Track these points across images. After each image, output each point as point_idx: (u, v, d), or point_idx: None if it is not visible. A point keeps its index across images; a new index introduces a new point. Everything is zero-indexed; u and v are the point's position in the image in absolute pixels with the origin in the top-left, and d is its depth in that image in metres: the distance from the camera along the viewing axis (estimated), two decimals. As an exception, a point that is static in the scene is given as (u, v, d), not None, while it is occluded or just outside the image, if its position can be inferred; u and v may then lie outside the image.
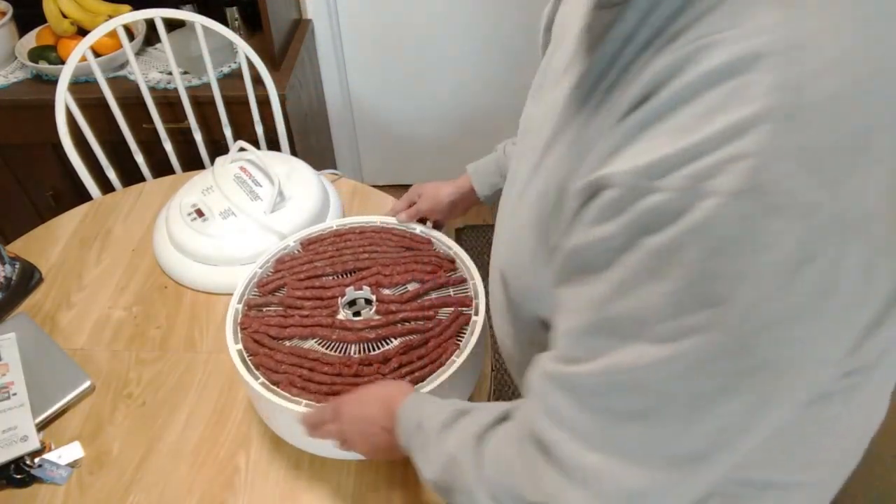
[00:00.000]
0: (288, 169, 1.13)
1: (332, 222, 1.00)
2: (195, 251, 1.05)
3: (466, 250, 0.94)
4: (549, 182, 0.49)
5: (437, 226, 1.01)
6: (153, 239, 1.14)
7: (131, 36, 1.59)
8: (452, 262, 0.92)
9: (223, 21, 1.48)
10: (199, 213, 1.08)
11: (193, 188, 1.12)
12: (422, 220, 1.00)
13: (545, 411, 0.44)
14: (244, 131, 1.53)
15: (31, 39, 1.61)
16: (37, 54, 1.53)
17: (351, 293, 0.88)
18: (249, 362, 0.80)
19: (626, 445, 0.40)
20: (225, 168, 1.14)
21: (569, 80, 0.51)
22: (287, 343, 0.82)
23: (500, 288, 0.62)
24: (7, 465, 0.82)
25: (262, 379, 0.78)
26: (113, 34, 1.36)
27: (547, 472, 0.44)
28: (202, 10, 1.43)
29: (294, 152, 1.59)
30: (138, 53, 1.62)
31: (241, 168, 1.14)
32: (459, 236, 2.10)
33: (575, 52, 0.52)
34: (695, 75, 0.35)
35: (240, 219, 1.06)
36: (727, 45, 0.34)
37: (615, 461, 0.41)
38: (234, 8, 1.62)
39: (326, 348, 0.82)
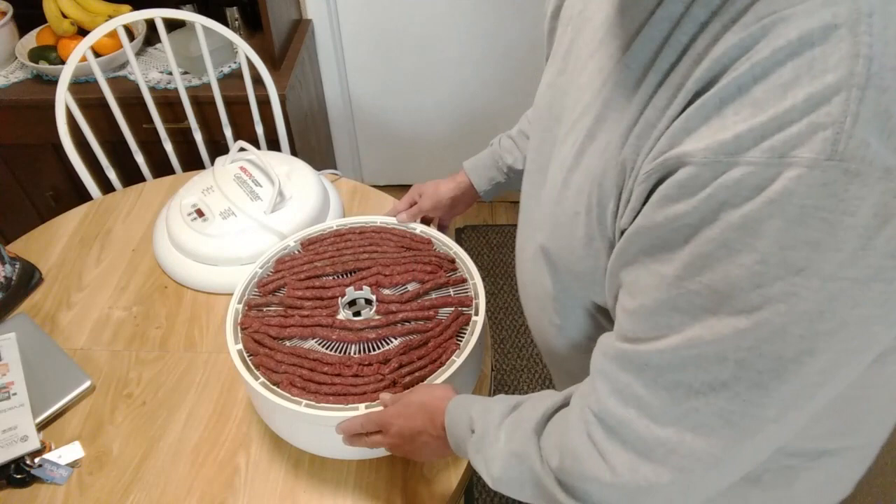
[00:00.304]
0: (288, 169, 1.14)
1: (332, 222, 1.00)
2: (195, 251, 1.05)
3: (466, 250, 0.94)
4: (602, 167, 0.49)
5: (441, 227, 1.01)
6: (153, 239, 1.14)
7: (131, 36, 1.59)
8: (452, 262, 0.92)
9: (223, 21, 1.48)
10: (199, 213, 1.08)
11: (193, 188, 1.12)
12: (426, 222, 1.00)
13: (612, 391, 0.45)
14: (244, 131, 1.53)
15: (31, 39, 1.61)
16: (37, 54, 1.53)
17: (351, 293, 0.88)
18: (249, 362, 0.80)
19: (700, 418, 0.41)
20: (225, 168, 1.14)
21: (601, 64, 0.51)
22: (287, 343, 0.82)
23: (546, 277, 0.61)
24: (7, 465, 0.82)
25: (262, 379, 0.78)
26: (113, 34, 1.36)
27: (616, 452, 0.44)
28: (202, 10, 1.44)
29: (294, 152, 1.60)
30: (138, 53, 1.62)
31: (241, 168, 1.14)
32: (459, 236, 2.10)
33: (604, 35, 0.51)
34: (769, 51, 0.35)
35: (240, 219, 1.06)
36: (798, 20, 0.35)
37: (689, 434, 0.41)
38: (234, 8, 1.62)
39: (326, 348, 0.82)
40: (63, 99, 1.30)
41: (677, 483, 0.43)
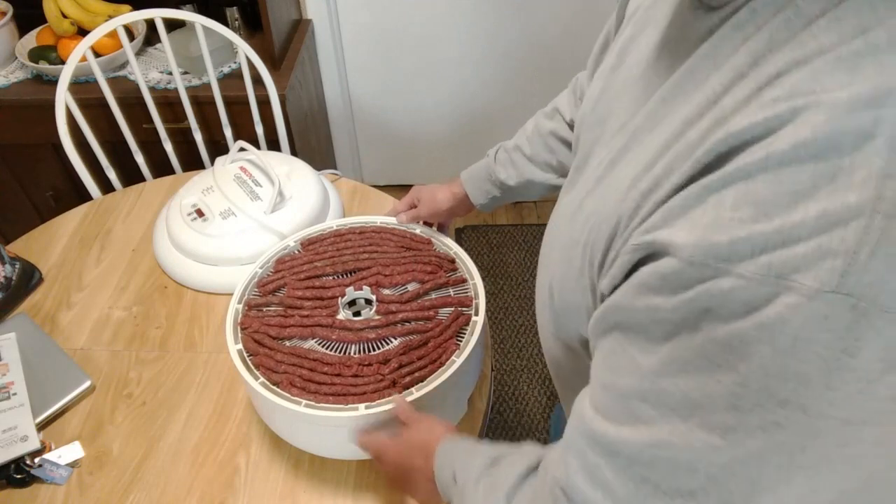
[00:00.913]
0: (288, 169, 1.14)
1: (332, 222, 1.00)
2: (195, 251, 1.05)
3: (466, 250, 0.94)
4: (607, 210, 0.44)
5: (441, 228, 1.01)
6: (153, 239, 1.14)
7: (131, 36, 1.59)
8: (452, 262, 0.92)
9: (223, 21, 1.48)
10: (199, 213, 1.08)
11: (193, 188, 1.12)
12: (427, 224, 1.00)
13: (581, 468, 0.42)
14: (244, 131, 1.53)
15: (31, 39, 1.61)
16: (37, 54, 1.53)
17: (351, 293, 0.88)
18: (249, 362, 0.80)
19: None
20: (225, 168, 1.14)
21: (649, 80, 0.46)
22: (287, 343, 0.82)
23: (547, 301, 0.59)
24: (7, 465, 0.82)
25: (262, 379, 0.78)
26: (113, 34, 1.36)
27: None
28: (202, 10, 1.44)
29: (294, 152, 1.60)
30: (138, 53, 1.62)
31: (241, 168, 1.14)
32: (459, 236, 2.10)
33: (657, 55, 0.46)
34: (790, 144, 0.31)
35: (240, 219, 1.06)
36: (835, 112, 0.30)
37: None
38: (234, 8, 1.62)
39: (326, 348, 0.82)
40: (63, 99, 1.30)
41: None
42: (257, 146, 1.46)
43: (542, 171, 0.85)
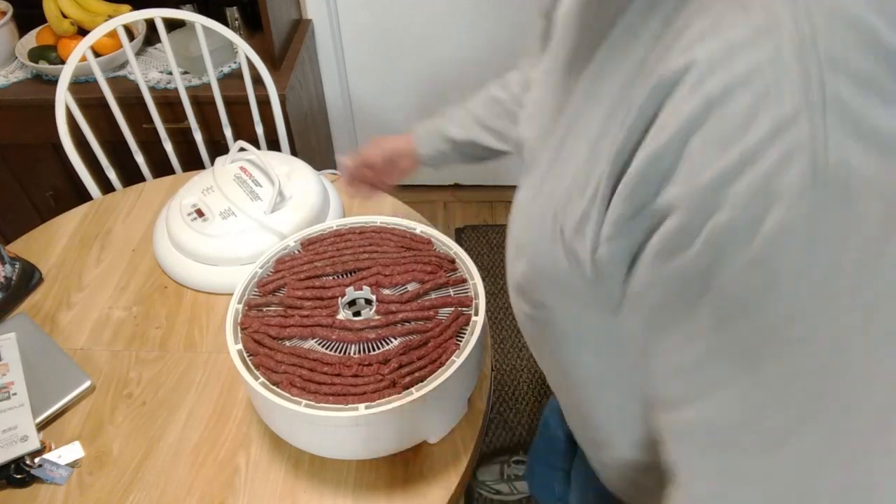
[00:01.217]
0: (288, 169, 1.14)
1: (332, 222, 1.00)
2: (195, 251, 1.05)
3: (466, 250, 0.94)
4: (570, 186, 0.46)
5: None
6: (153, 239, 1.14)
7: (131, 36, 1.59)
8: (452, 262, 0.92)
9: (223, 21, 1.48)
10: (199, 213, 1.08)
11: (193, 188, 1.12)
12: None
13: (692, 473, 0.41)
14: (244, 131, 1.53)
15: (31, 39, 1.61)
16: (37, 54, 1.53)
17: (351, 293, 0.88)
18: (249, 362, 0.80)
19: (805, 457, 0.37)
20: (225, 168, 1.14)
21: (576, 74, 0.49)
22: (287, 343, 0.82)
23: (525, 311, 0.58)
24: (7, 465, 0.82)
25: (262, 379, 0.78)
26: (113, 34, 1.36)
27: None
28: (202, 10, 1.44)
29: (294, 152, 1.60)
30: (138, 53, 1.62)
31: (241, 168, 1.14)
32: (459, 236, 2.10)
33: (579, 40, 0.49)
34: (718, 85, 0.34)
35: (240, 219, 1.06)
36: (740, 47, 0.34)
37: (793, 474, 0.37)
38: (234, 8, 1.62)
39: (326, 348, 0.82)
40: (63, 99, 1.30)
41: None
42: (257, 146, 1.46)
43: (487, 134, 0.90)
